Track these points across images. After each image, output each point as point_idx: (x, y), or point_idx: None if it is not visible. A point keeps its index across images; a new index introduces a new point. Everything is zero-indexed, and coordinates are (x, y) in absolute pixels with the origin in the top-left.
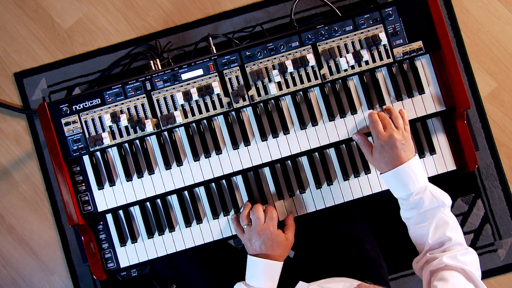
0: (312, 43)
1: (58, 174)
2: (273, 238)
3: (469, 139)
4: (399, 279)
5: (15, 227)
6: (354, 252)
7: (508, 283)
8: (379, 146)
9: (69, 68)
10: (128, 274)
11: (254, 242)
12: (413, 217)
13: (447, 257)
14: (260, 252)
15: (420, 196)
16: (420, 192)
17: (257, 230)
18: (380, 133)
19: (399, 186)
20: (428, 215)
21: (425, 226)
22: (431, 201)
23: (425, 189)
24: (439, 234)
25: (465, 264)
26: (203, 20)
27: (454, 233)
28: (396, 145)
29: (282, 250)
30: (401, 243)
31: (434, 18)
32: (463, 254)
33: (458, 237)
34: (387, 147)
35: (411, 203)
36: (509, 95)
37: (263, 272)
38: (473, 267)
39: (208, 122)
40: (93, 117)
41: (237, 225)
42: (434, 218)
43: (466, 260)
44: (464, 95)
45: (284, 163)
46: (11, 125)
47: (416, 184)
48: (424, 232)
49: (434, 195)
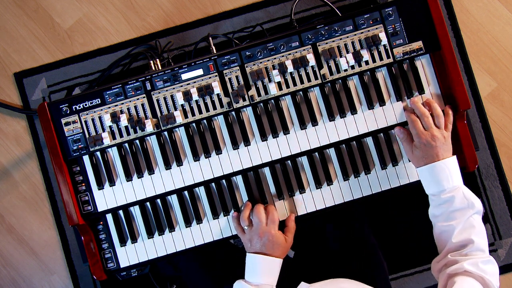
0: (312, 43)
1: (58, 174)
2: (274, 240)
3: (469, 139)
4: (399, 279)
5: (15, 227)
6: (354, 252)
7: (508, 283)
8: (420, 145)
9: (69, 68)
10: (128, 274)
11: (255, 243)
12: (442, 214)
13: (468, 263)
14: (260, 251)
15: (452, 194)
16: (453, 190)
17: (259, 232)
18: (421, 132)
19: (432, 181)
20: (456, 214)
21: (451, 224)
22: (461, 201)
23: (458, 189)
24: (464, 235)
25: (485, 273)
26: (203, 20)
27: (478, 238)
28: (437, 145)
29: (282, 251)
30: (401, 243)
31: (434, 18)
32: (485, 262)
33: (482, 243)
34: (428, 147)
35: (441, 200)
36: (509, 95)
37: (262, 268)
38: (493, 277)
39: (208, 122)
40: (93, 117)
41: (237, 225)
42: (462, 218)
43: (487, 269)
44: (464, 95)
45: (284, 163)
46: (11, 125)
47: (450, 181)
48: (449, 230)
49: (466, 196)
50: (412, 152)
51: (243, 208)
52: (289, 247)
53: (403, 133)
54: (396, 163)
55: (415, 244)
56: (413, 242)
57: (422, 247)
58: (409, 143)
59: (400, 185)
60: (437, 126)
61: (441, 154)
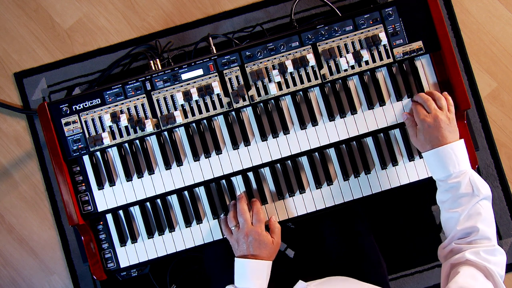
0: (312, 43)
1: (58, 174)
2: (260, 239)
3: (469, 139)
4: (399, 279)
5: (15, 227)
6: (353, 252)
7: (508, 283)
8: (424, 128)
9: (69, 68)
10: (128, 274)
11: (241, 243)
12: (448, 200)
13: (470, 252)
14: (247, 254)
15: (458, 180)
16: (459, 175)
17: (245, 231)
18: (424, 115)
19: (439, 166)
20: (462, 201)
21: (457, 211)
22: (467, 187)
23: (465, 174)
24: (469, 223)
25: (489, 262)
26: (203, 20)
27: (484, 225)
28: (441, 126)
29: (269, 252)
30: (401, 243)
31: (434, 18)
32: (488, 251)
33: (487, 231)
34: (432, 128)
35: (448, 185)
36: (509, 95)
37: (251, 272)
38: (497, 266)
39: (208, 122)
40: (93, 117)
41: (225, 227)
42: (468, 205)
43: (490, 257)
44: (464, 95)
45: (284, 163)
46: (11, 125)
47: (456, 166)
48: (455, 217)
49: (472, 182)
50: (416, 136)
51: (230, 209)
52: (277, 249)
53: (408, 118)
54: (396, 163)
55: (415, 244)
56: (413, 242)
57: (422, 247)
58: (414, 127)
59: (400, 185)
60: (440, 108)
61: (446, 136)
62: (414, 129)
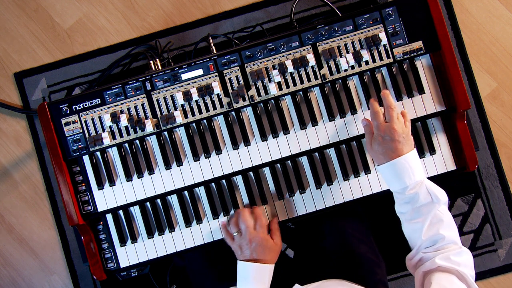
0: (312, 43)
1: (58, 174)
2: (264, 244)
3: (469, 139)
4: (399, 279)
5: (15, 227)
6: (352, 252)
7: (508, 283)
8: (379, 137)
9: (69, 68)
10: (128, 274)
11: (245, 250)
12: (408, 212)
13: (440, 258)
14: (250, 258)
15: (415, 190)
16: (416, 186)
17: (248, 238)
18: (381, 123)
19: (394, 178)
20: (422, 210)
21: (418, 222)
22: (426, 196)
23: (421, 184)
24: (433, 231)
25: (459, 265)
26: (203, 20)
27: (448, 231)
28: (395, 138)
29: (273, 255)
30: (401, 243)
31: (434, 18)
32: (457, 254)
33: (452, 235)
34: (386, 139)
35: (406, 197)
36: (509, 95)
37: (254, 276)
38: (467, 267)
39: (208, 122)
40: (93, 117)
41: (226, 233)
42: (429, 214)
43: (459, 260)
44: (464, 95)
45: (284, 163)
46: (11, 125)
47: (411, 177)
48: (417, 228)
49: (430, 190)
50: (371, 145)
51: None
52: (279, 250)
53: (367, 125)
54: None
55: None
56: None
57: None
58: (370, 135)
59: None
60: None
61: (400, 149)
62: (370, 138)
